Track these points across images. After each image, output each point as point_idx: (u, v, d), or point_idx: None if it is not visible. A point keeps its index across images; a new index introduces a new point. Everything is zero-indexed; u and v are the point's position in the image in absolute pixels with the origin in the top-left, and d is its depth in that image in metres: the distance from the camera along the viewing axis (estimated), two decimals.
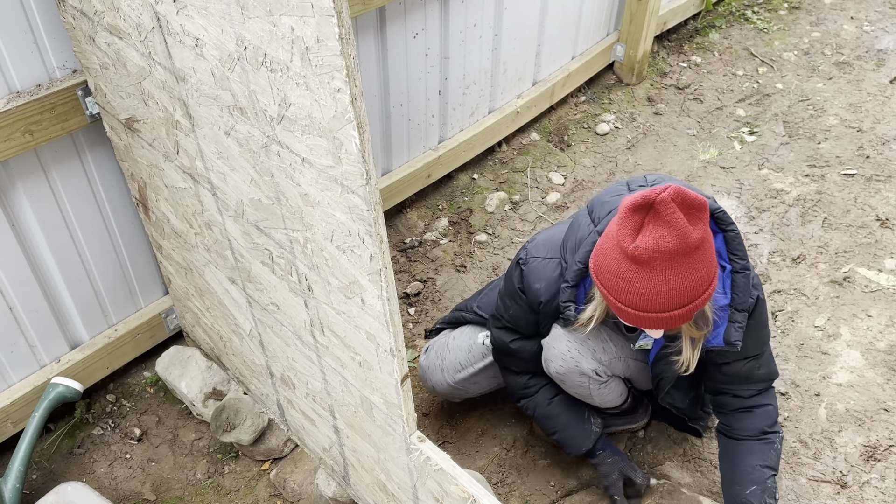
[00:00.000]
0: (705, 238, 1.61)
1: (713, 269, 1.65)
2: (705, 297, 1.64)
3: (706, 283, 1.64)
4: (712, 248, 1.66)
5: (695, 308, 1.65)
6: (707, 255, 1.63)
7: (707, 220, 1.63)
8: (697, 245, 1.59)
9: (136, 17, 1.55)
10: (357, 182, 1.24)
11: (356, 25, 2.55)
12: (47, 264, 2.20)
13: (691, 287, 1.62)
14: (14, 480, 2.12)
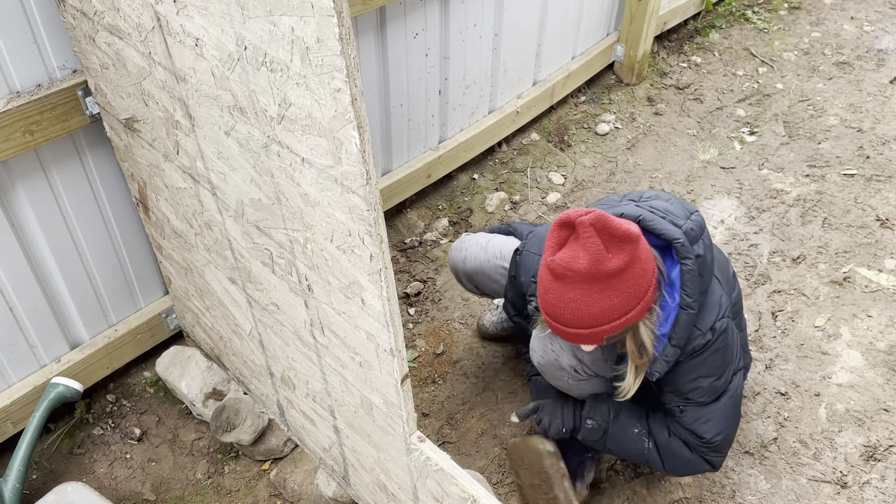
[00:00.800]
0: (626, 269, 1.63)
1: (633, 301, 1.67)
2: (616, 324, 1.67)
3: (619, 313, 1.66)
4: (640, 280, 1.67)
5: (602, 332, 1.68)
6: (626, 285, 1.65)
7: (634, 252, 1.64)
8: (613, 274, 1.62)
9: (136, 17, 1.55)
10: (357, 182, 1.24)
11: (356, 25, 2.55)
12: (47, 264, 2.20)
13: (599, 312, 1.65)
14: (14, 480, 2.12)
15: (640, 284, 1.67)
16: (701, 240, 1.83)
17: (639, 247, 1.66)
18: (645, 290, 1.69)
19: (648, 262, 1.70)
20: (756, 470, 2.36)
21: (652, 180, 3.44)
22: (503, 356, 2.72)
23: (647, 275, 1.69)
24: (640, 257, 1.66)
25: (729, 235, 3.14)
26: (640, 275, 1.66)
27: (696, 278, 1.78)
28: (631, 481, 2.35)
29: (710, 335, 1.84)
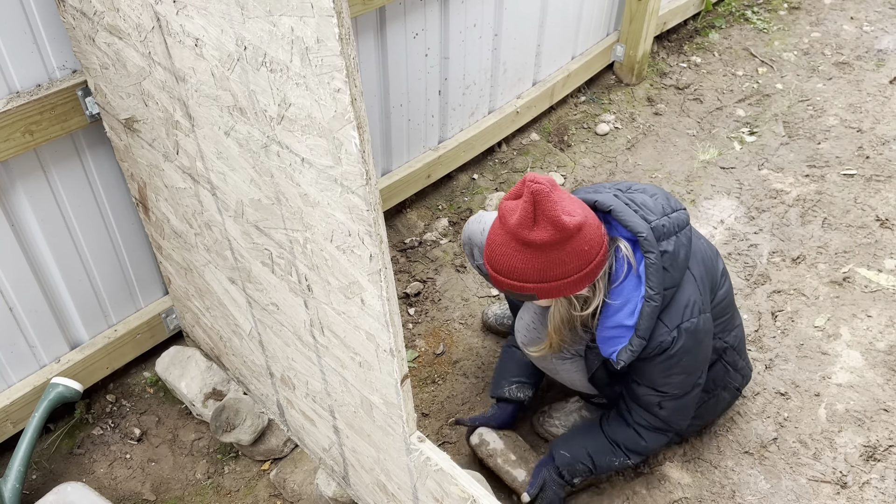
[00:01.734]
0: (547, 248, 1.72)
1: (541, 277, 1.76)
2: (523, 286, 1.79)
3: (527, 278, 1.77)
4: (560, 266, 1.75)
5: (510, 285, 1.80)
6: (541, 261, 1.74)
7: (561, 239, 1.72)
8: (529, 244, 1.72)
9: (136, 18, 1.55)
10: (357, 182, 1.24)
11: (356, 25, 2.55)
12: (47, 264, 2.20)
13: (513, 268, 1.77)
14: (14, 480, 2.12)
15: (556, 269, 1.75)
16: (675, 237, 1.88)
17: (571, 239, 1.73)
18: (559, 276, 1.76)
19: (575, 257, 1.75)
20: (756, 470, 2.36)
21: (652, 180, 3.44)
22: None
23: (566, 265, 1.75)
24: (565, 248, 1.73)
25: (729, 235, 3.14)
26: (559, 260, 1.74)
27: (659, 272, 1.82)
28: (631, 481, 2.35)
29: (676, 333, 1.89)
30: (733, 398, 2.36)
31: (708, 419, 2.35)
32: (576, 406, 2.41)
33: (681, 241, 1.90)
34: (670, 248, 1.86)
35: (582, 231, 1.75)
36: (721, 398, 2.30)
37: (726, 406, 2.38)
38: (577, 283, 1.80)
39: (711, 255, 2.10)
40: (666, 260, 1.85)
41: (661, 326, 1.88)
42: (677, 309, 1.90)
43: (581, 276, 1.79)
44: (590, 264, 1.79)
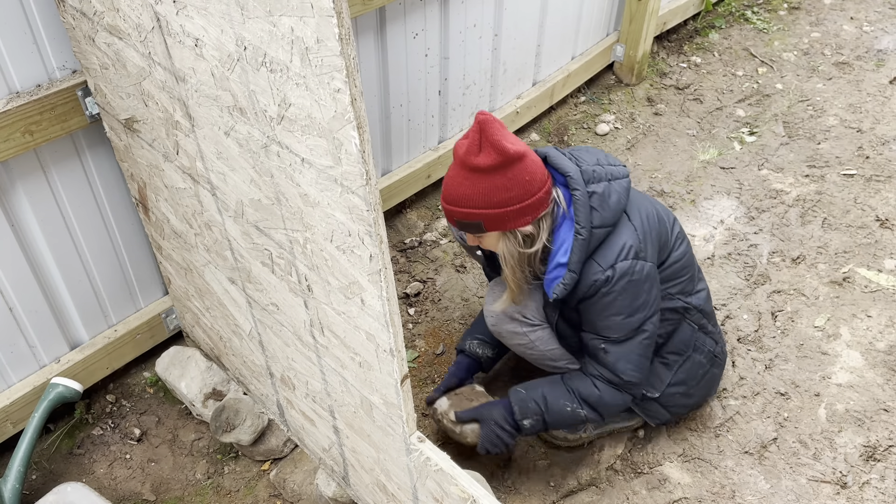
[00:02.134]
0: (490, 174, 1.86)
1: (483, 202, 1.88)
2: (463, 212, 1.92)
3: (469, 204, 1.90)
4: (500, 192, 1.87)
5: (452, 212, 1.94)
6: (484, 186, 1.87)
7: (502, 164, 1.85)
8: (475, 169, 1.87)
9: (136, 18, 1.55)
10: (357, 182, 1.24)
11: (356, 26, 2.55)
12: (47, 264, 2.20)
13: (458, 195, 1.91)
14: (14, 481, 2.12)
15: (500, 195, 1.88)
16: (607, 182, 2.00)
17: (513, 164, 1.86)
18: (502, 203, 1.88)
19: (517, 184, 1.88)
20: (756, 470, 2.36)
21: (651, 180, 3.44)
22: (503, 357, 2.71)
23: (509, 191, 1.88)
24: (507, 174, 1.87)
25: (728, 235, 3.14)
26: (502, 186, 1.87)
27: (586, 208, 1.95)
28: (631, 481, 2.35)
29: (611, 273, 1.97)
30: (712, 365, 2.34)
31: (694, 391, 2.33)
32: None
33: (613, 188, 2.01)
34: (599, 190, 1.98)
35: (524, 161, 1.89)
36: (697, 363, 2.28)
37: (711, 378, 2.37)
38: (519, 214, 1.91)
39: (663, 216, 2.17)
40: (594, 200, 1.97)
41: (595, 265, 1.98)
42: (612, 250, 1.99)
43: (523, 207, 1.90)
44: (532, 197, 1.91)
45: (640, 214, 2.08)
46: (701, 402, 2.44)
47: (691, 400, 2.36)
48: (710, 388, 2.42)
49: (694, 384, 2.32)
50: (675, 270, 2.18)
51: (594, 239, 1.97)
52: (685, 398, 2.33)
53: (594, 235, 1.97)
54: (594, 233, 1.97)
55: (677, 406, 2.35)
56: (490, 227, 1.94)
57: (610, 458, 2.40)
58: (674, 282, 2.18)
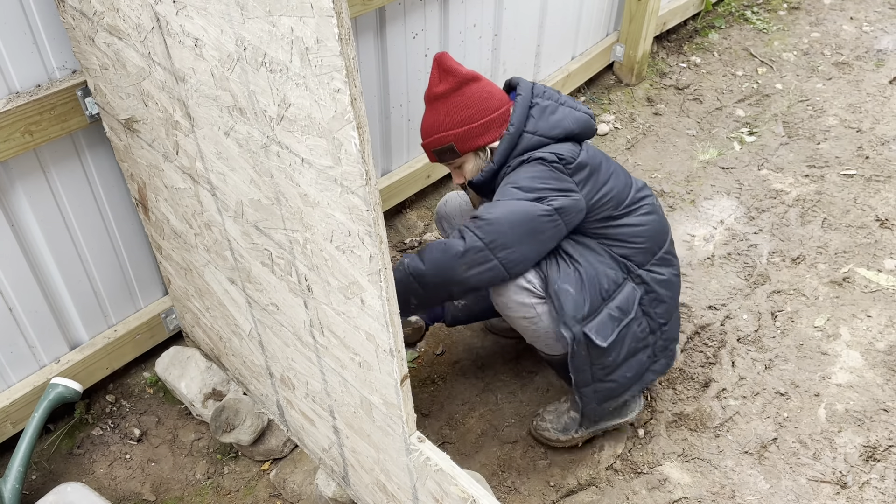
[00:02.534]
0: (450, 96, 2.05)
1: (449, 123, 2.06)
2: (433, 139, 2.10)
3: (436, 129, 2.09)
4: (462, 110, 2.04)
5: (426, 144, 2.12)
6: (447, 108, 2.06)
7: (459, 85, 2.04)
8: (438, 96, 2.07)
9: (136, 18, 1.55)
10: (356, 182, 1.24)
11: (356, 26, 2.55)
12: (47, 265, 2.20)
13: (427, 126, 2.11)
14: (13, 481, 2.12)
15: (461, 113, 2.05)
16: (558, 104, 2.10)
17: (467, 84, 2.05)
18: (465, 121, 2.06)
19: (476, 101, 2.05)
20: (756, 470, 2.36)
21: (651, 180, 3.44)
22: (503, 357, 2.72)
23: (469, 108, 2.05)
24: (465, 92, 2.05)
25: (728, 235, 3.14)
26: (462, 104, 2.05)
27: (522, 109, 2.07)
28: (630, 481, 2.35)
29: (528, 155, 2.05)
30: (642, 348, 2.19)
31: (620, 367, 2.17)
32: (566, 407, 2.41)
33: (561, 109, 2.11)
34: (543, 103, 2.10)
35: (480, 81, 2.07)
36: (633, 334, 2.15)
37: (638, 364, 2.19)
38: (484, 129, 2.07)
39: (626, 178, 2.19)
40: (535, 110, 2.08)
41: (522, 158, 2.06)
42: (542, 150, 2.05)
43: (486, 122, 2.06)
44: (494, 112, 2.07)
45: (596, 156, 2.11)
46: (621, 390, 2.22)
47: (613, 380, 2.19)
48: (633, 378, 2.22)
49: (623, 359, 2.16)
50: (626, 234, 2.14)
51: (524, 141, 2.06)
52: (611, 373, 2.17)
53: (524, 138, 2.06)
54: (524, 135, 2.06)
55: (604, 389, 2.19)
56: (461, 147, 2.09)
57: (610, 458, 2.40)
58: (623, 244, 2.15)
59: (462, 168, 2.17)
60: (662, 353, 2.29)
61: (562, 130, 2.09)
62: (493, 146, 2.11)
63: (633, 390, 2.26)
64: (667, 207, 3.29)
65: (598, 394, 2.20)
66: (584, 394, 2.18)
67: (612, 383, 2.20)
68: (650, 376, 2.29)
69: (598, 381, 2.18)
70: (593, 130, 2.17)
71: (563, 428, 2.38)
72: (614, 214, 2.13)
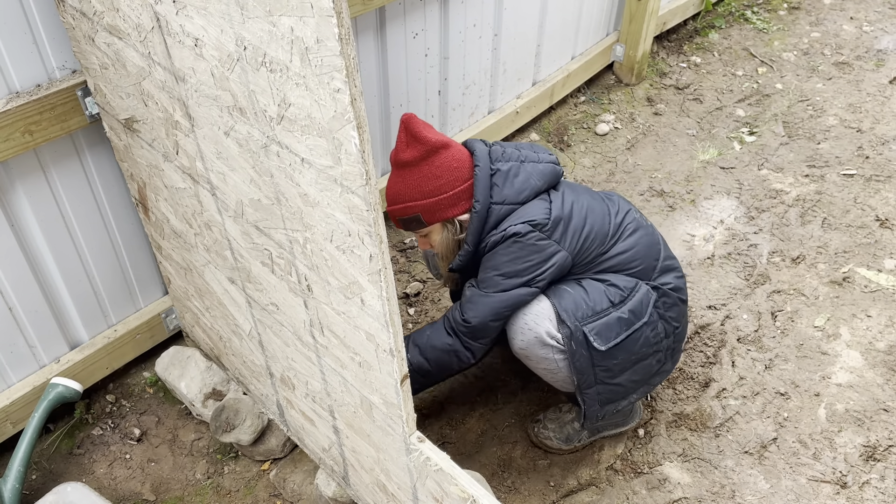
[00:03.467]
0: (418, 165, 1.97)
1: (417, 194, 2.00)
2: (400, 207, 2.03)
3: (404, 198, 2.02)
4: (430, 180, 1.98)
5: (392, 211, 2.05)
6: (415, 178, 1.99)
7: (426, 154, 1.96)
8: (406, 164, 1.99)
9: (136, 18, 1.55)
10: (357, 182, 1.24)
11: (356, 26, 2.55)
12: (47, 264, 2.20)
13: (393, 193, 2.04)
14: (13, 481, 2.12)
15: (429, 184, 1.99)
16: (519, 164, 2.05)
17: (436, 153, 1.97)
18: (433, 192, 1.99)
19: (446, 172, 1.98)
20: (756, 470, 2.36)
21: (651, 180, 3.44)
22: (503, 356, 2.72)
23: (438, 179, 1.98)
24: (434, 162, 1.97)
25: (728, 235, 3.14)
26: (430, 174, 1.98)
27: (484, 182, 2.01)
28: (630, 481, 2.35)
29: (504, 234, 2.00)
30: (653, 352, 2.16)
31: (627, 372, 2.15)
32: (569, 417, 2.40)
33: (525, 168, 2.05)
34: (504, 168, 2.04)
35: (449, 150, 1.99)
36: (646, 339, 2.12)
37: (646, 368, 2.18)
38: (453, 201, 2.01)
39: (604, 212, 2.15)
40: (497, 177, 2.02)
41: (494, 233, 2.03)
42: (516, 219, 2.01)
43: (456, 194, 2.00)
44: (463, 183, 2.00)
45: (566, 202, 2.07)
46: (626, 393, 2.20)
47: (619, 383, 2.17)
48: (640, 382, 2.21)
49: (630, 363, 2.14)
50: (621, 263, 2.13)
51: (494, 214, 2.02)
52: (616, 376, 2.15)
53: (493, 211, 2.02)
54: (493, 208, 2.02)
55: (607, 391, 2.17)
56: (428, 219, 2.03)
57: (610, 458, 2.40)
58: (623, 272, 2.14)
59: (429, 237, 2.13)
60: (672, 356, 2.27)
61: (530, 191, 2.04)
62: (461, 219, 2.05)
63: (639, 393, 2.25)
64: (667, 207, 3.29)
65: (602, 396, 2.19)
66: (587, 395, 2.16)
67: (618, 386, 2.18)
68: (658, 379, 2.27)
69: (602, 383, 2.16)
70: (560, 175, 2.13)
71: (566, 438, 2.38)
72: (602, 251, 2.12)
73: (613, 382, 2.17)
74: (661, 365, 2.24)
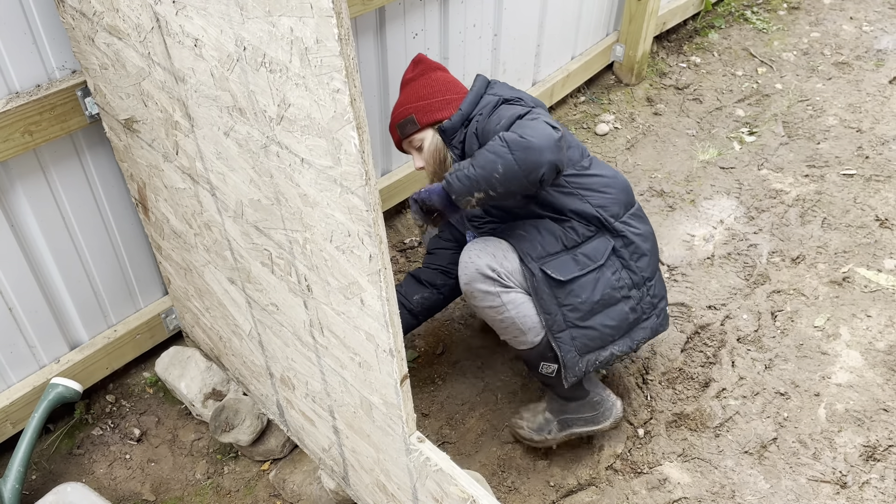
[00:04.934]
0: (414, 80, 2.26)
1: (412, 99, 2.23)
2: (398, 112, 2.25)
3: (401, 105, 2.25)
4: (422, 89, 2.23)
5: (400, 115, 2.24)
6: (411, 89, 2.25)
7: (423, 72, 2.26)
8: (407, 81, 2.29)
9: (136, 18, 1.55)
10: (356, 182, 1.24)
11: (356, 26, 2.55)
12: (47, 265, 2.20)
13: (397, 105, 2.27)
14: (13, 481, 2.12)
15: (423, 90, 2.23)
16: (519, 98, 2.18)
17: (433, 71, 2.27)
18: (426, 96, 2.22)
19: (439, 83, 2.24)
20: (756, 470, 2.36)
21: (651, 180, 3.44)
22: (503, 357, 2.72)
23: (431, 87, 2.23)
24: (430, 76, 2.25)
25: (728, 235, 3.14)
26: (425, 84, 2.24)
27: (477, 94, 2.22)
28: (630, 481, 2.35)
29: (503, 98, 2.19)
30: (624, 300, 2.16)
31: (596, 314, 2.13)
32: (542, 406, 2.40)
33: (520, 91, 2.24)
34: (498, 83, 2.27)
35: (445, 71, 2.29)
36: (607, 281, 2.13)
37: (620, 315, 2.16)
38: (444, 105, 2.21)
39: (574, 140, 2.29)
40: (493, 84, 2.26)
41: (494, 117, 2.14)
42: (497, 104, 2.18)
43: (446, 99, 2.21)
44: (454, 94, 2.23)
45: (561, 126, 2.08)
46: (602, 340, 2.17)
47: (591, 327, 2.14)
48: (616, 329, 2.17)
49: (598, 304, 2.12)
50: (598, 184, 2.19)
51: (485, 101, 2.20)
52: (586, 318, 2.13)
53: (486, 98, 2.21)
54: (486, 96, 2.21)
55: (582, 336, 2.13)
56: (421, 119, 2.20)
57: (610, 458, 2.40)
58: (598, 193, 2.18)
59: (421, 149, 2.26)
60: (652, 310, 2.24)
61: (518, 95, 2.22)
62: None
63: (620, 345, 2.19)
64: (667, 207, 3.29)
65: (577, 341, 2.13)
66: (560, 340, 2.11)
67: (591, 330, 2.13)
68: (640, 333, 2.22)
69: (573, 325, 2.12)
70: (544, 106, 2.26)
71: (537, 427, 2.38)
72: (583, 164, 2.23)
73: (585, 325, 2.13)
74: (637, 315, 2.19)
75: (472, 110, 2.20)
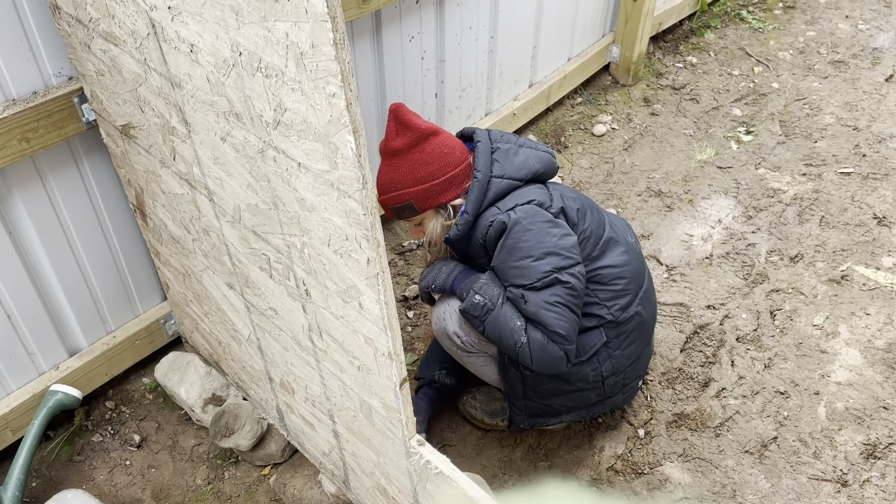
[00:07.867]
0: (408, 152, 1.96)
1: (409, 181, 1.98)
2: (392, 195, 2.01)
3: (395, 186, 2.00)
4: (421, 166, 1.97)
5: (384, 200, 2.03)
6: (406, 165, 1.97)
7: (417, 140, 1.95)
8: (396, 152, 1.98)
9: (132, 24, 1.55)
10: (353, 186, 1.24)
11: (352, 29, 2.55)
12: (45, 272, 2.19)
13: (384, 182, 2.02)
14: (13, 488, 2.12)
15: (421, 170, 1.97)
16: (518, 146, 2.07)
17: (427, 139, 1.97)
18: (426, 178, 1.98)
19: (437, 158, 1.98)
20: (756, 469, 2.36)
21: (649, 180, 3.45)
22: None
23: (430, 165, 1.97)
24: (425, 148, 1.97)
25: (726, 235, 3.14)
26: (422, 161, 1.97)
27: (485, 154, 2.03)
28: (631, 482, 2.35)
29: (511, 214, 1.97)
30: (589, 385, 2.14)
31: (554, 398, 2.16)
32: (499, 395, 2.40)
33: (522, 150, 2.07)
34: (504, 147, 2.06)
35: (439, 136, 1.99)
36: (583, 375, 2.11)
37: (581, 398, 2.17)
38: (446, 186, 2.00)
39: (595, 215, 2.13)
40: (498, 154, 2.04)
41: (494, 209, 1.99)
42: (513, 200, 2.00)
43: (448, 179, 1.99)
44: (455, 168, 2.00)
45: (565, 198, 2.05)
46: (556, 415, 2.23)
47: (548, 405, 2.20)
48: (573, 408, 2.21)
49: (562, 391, 2.15)
50: (607, 276, 2.09)
51: (494, 187, 2.00)
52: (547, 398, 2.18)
53: (493, 183, 2.00)
54: (493, 180, 2.01)
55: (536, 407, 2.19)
56: (421, 205, 2.02)
57: (610, 459, 2.40)
58: (604, 287, 2.09)
59: (422, 225, 2.10)
60: (621, 389, 2.23)
61: (528, 171, 2.05)
62: (454, 203, 2.04)
63: (573, 416, 2.22)
64: (665, 207, 3.30)
65: (530, 409, 2.18)
66: (514, 405, 2.18)
67: (548, 407, 2.20)
68: (599, 409, 2.25)
69: (531, 399, 2.16)
70: (556, 168, 2.13)
71: (490, 413, 2.40)
72: (593, 255, 2.08)
73: (543, 402, 2.18)
74: (602, 398, 2.21)
75: (478, 208, 2.01)
